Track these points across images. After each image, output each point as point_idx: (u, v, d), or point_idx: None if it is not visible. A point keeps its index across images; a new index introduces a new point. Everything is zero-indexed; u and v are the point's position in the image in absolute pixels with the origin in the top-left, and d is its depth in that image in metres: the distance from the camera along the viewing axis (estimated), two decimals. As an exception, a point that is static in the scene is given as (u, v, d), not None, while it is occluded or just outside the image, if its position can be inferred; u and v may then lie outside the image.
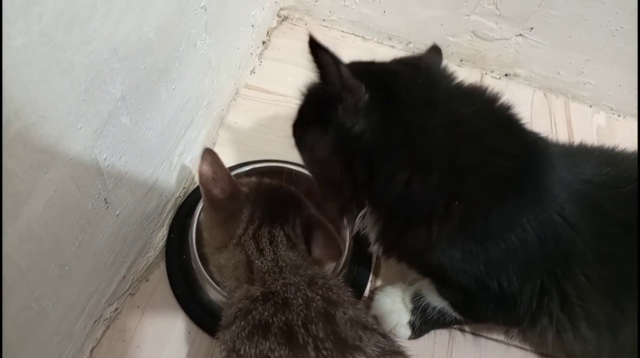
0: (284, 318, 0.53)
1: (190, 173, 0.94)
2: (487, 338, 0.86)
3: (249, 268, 0.61)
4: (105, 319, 0.79)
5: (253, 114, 1.07)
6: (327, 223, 0.66)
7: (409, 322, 0.82)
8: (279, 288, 0.57)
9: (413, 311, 0.81)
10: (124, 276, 0.81)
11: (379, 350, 0.53)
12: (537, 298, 0.60)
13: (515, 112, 0.62)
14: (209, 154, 0.65)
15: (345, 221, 0.71)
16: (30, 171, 0.49)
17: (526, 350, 0.85)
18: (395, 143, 0.56)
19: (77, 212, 0.61)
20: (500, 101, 0.61)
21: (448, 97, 0.58)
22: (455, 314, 0.73)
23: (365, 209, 0.64)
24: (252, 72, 1.14)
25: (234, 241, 0.62)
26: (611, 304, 0.59)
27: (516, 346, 0.85)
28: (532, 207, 0.58)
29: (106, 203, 0.67)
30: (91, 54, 0.53)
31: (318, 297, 0.55)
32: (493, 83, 1.24)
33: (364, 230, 0.68)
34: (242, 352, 0.52)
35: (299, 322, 0.53)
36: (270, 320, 0.53)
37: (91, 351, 0.77)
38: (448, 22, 1.16)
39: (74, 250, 0.63)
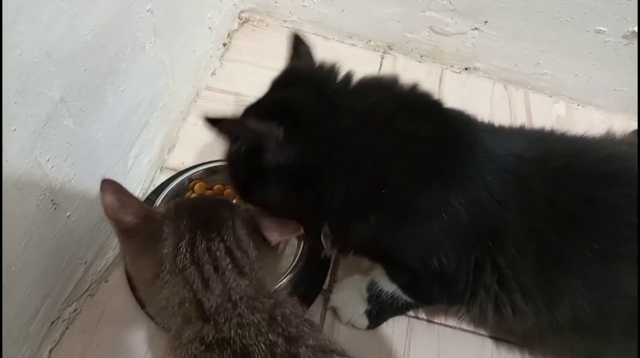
0: None
1: (148, 174, 0.95)
2: (444, 325, 0.88)
3: (198, 303, 0.52)
4: (64, 320, 0.80)
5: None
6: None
7: (366, 311, 0.83)
8: (233, 333, 0.49)
9: (369, 300, 0.82)
10: (82, 278, 0.82)
11: None
12: (473, 272, 0.62)
13: (422, 91, 0.64)
14: (109, 184, 0.55)
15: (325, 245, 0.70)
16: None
17: (483, 335, 0.86)
18: (321, 159, 0.59)
19: (18, 213, 0.62)
20: (400, 84, 0.64)
21: (344, 98, 0.60)
22: (405, 297, 0.75)
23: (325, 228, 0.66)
24: (213, 74, 1.15)
25: (166, 268, 0.53)
26: (542, 277, 0.61)
27: (472, 332, 0.87)
28: (457, 186, 0.60)
29: (53, 204, 0.69)
30: (20, 57, 0.54)
31: (280, 339, 0.50)
32: (454, 77, 1.26)
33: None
34: None
35: None
36: None
37: (50, 352, 0.78)
38: (405, 18, 1.18)
39: (20, 251, 0.64)
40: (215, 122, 0.57)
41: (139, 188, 0.93)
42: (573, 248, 0.59)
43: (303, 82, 0.62)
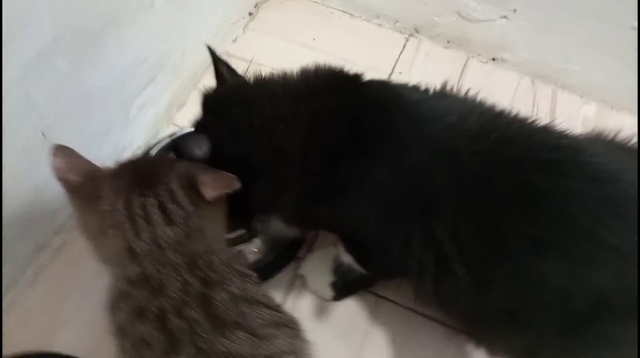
0: (156, 303, 0.53)
1: (153, 127, 1.01)
2: (412, 310, 0.87)
3: (130, 250, 0.57)
4: (53, 248, 0.87)
5: (229, 81, 1.12)
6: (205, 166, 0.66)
7: (331, 283, 0.85)
8: (154, 271, 0.55)
9: (334, 272, 0.84)
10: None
11: (262, 321, 0.55)
12: (409, 242, 0.61)
13: (333, 71, 0.67)
14: (60, 150, 0.58)
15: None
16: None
17: (448, 326, 0.85)
18: (240, 157, 0.64)
19: (8, 141, 0.68)
20: (310, 73, 0.67)
21: (247, 105, 0.64)
22: (359, 268, 0.76)
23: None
24: (234, 41, 1.19)
25: (106, 223, 0.57)
26: (476, 254, 0.58)
27: (437, 321, 0.85)
28: (375, 158, 0.60)
29: (44, 137, 0.75)
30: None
31: (197, 281, 0.55)
32: (479, 67, 1.22)
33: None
34: (126, 332, 0.54)
35: (173, 308, 0.53)
36: (145, 305, 0.53)
37: (36, 275, 0.85)
38: (432, 0, 1.15)
39: (10, 184, 0.71)
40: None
41: (141, 138, 0.99)
42: (505, 228, 0.57)
43: (220, 104, 0.68)
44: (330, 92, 0.65)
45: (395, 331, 0.86)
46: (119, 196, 0.57)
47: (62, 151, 0.59)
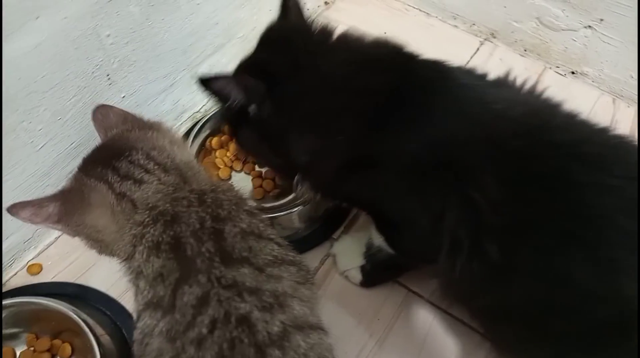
0: (172, 232, 0.54)
1: (214, 95, 1.04)
2: (442, 310, 0.82)
3: (132, 203, 0.58)
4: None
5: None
6: None
7: (361, 266, 0.82)
8: (168, 206, 0.56)
9: (364, 255, 0.81)
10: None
11: (271, 258, 0.55)
12: (442, 215, 0.58)
13: (395, 46, 0.66)
14: (18, 208, 0.57)
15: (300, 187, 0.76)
16: (20, 10, 0.62)
17: (474, 330, 0.79)
18: (286, 117, 0.64)
19: (72, 69, 0.73)
20: (376, 42, 0.66)
21: (314, 59, 0.63)
22: (389, 249, 0.73)
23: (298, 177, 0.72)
24: (307, 26, 1.21)
25: (112, 208, 0.58)
26: (505, 238, 0.54)
27: (465, 324, 0.80)
28: (414, 133, 0.60)
29: (109, 79, 0.79)
30: None
31: (208, 216, 0.55)
32: (556, 79, 1.15)
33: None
34: (142, 273, 0.55)
35: (190, 234, 0.54)
36: (159, 238, 0.54)
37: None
38: (512, 5, 1.11)
39: (70, 106, 0.76)
40: (208, 81, 0.62)
41: (201, 104, 1.02)
42: (536, 215, 0.53)
43: (284, 42, 0.66)
44: (385, 64, 0.65)
45: (421, 328, 0.82)
46: (104, 176, 0.58)
47: (21, 208, 0.57)
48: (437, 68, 0.65)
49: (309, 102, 0.63)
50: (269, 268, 0.53)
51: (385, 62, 0.64)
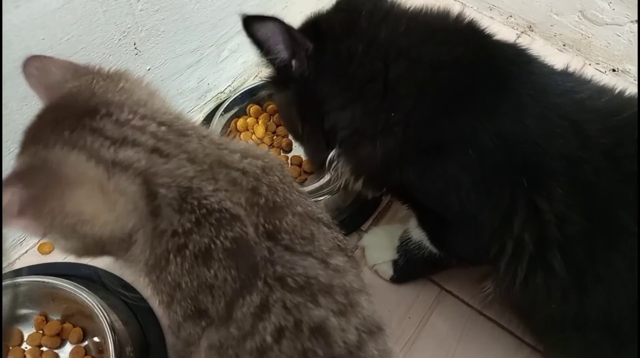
0: (230, 234, 0.42)
1: (241, 75, 0.99)
2: (476, 310, 0.77)
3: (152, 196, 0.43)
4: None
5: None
6: None
7: (393, 260, 0.77)
8: (218, 201, 0.43)
9: (398, 249, 0.76)
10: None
11: (332, 245, 0.47)
12: (502, 218, 0.54)
13: (468, 21, 0.61)
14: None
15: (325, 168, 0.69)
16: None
17: (509, 332, 0.74)
18: (333, 79, 0.59)
19: (98, 34, 0.68)
20: (445, 15, 0.62)
21: (373, 26, 0.59)
22: (431, 247, 0.68)
23: (333, 154, 0.65)
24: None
25: (103, 185, 0.42)
26: (583, 244, 0.49)
27: (501, 326, 0.75)
28: (488, 119, 0.54)
29: (136, 48, 0.75)
30: None
31: (263, 203, 0.45)
32: (596, 76, 1.08)
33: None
34: (183, 286, 0.43)
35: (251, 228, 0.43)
36: (208, 244, 0.42)
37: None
38: (554, -4, 1.06)
39: (93, 74, 0.71)
40: (254, 22, 0.56)
41: (226, 83, 0.97)
42: (622, 221, 0.48)
43: (352, 8, 0.62)
44: (458, 41, 0.59)
45: (455, 329, 0.76)
46: (77, 143, 0.42)
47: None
48: (515, 50, 0.59)
49: (358, 69, 0.57)
50: (332, 259, 0.45)
51: (457, 36, 0.59)
